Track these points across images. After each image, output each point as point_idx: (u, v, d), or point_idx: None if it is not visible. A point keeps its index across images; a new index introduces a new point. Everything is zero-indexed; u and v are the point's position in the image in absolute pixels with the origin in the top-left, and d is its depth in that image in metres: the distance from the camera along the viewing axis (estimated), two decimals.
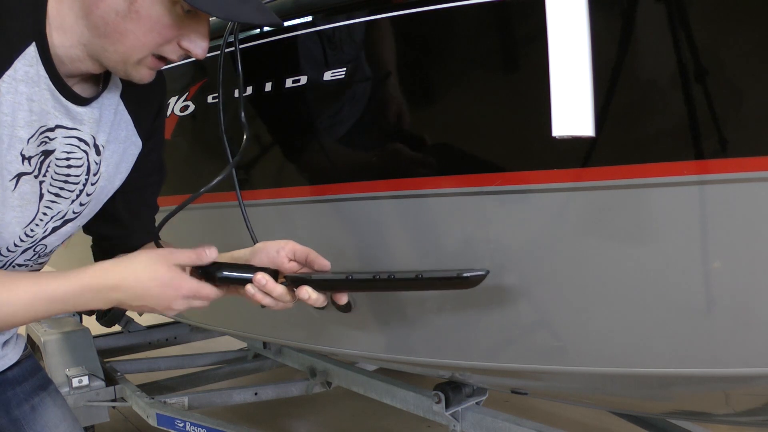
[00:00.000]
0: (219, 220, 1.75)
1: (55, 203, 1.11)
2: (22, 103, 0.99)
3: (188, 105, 1.73)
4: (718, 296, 1.21)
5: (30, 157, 1.03)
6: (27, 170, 1.04)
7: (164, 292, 1.03)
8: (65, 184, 1.11)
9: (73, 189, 1.12)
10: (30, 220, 1.09)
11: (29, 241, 1.12)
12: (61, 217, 1.14)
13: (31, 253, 1.15)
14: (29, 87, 1.00)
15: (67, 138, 1.08)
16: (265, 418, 3.16)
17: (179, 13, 0.98)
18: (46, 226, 1.12)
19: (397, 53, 1.39)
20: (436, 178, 1.37)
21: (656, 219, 1.20)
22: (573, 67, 1.04)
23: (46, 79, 1.01)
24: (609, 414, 2.40)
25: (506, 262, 1.38)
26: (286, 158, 1.62)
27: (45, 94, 1.02)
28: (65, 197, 1.12)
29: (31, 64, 0.99)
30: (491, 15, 1.24)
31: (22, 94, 0.99)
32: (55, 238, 1.17)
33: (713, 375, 1.28)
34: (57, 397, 1.34)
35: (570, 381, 1.52)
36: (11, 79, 0.97)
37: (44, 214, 1.11)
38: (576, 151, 1.21)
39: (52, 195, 1.10)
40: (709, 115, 1.10)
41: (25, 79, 0.99)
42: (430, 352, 1.60)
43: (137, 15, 0.97)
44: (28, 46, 0.98)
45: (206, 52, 1.04)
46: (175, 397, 2.46)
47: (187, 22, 1.00)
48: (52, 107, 1.04)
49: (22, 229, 1.08)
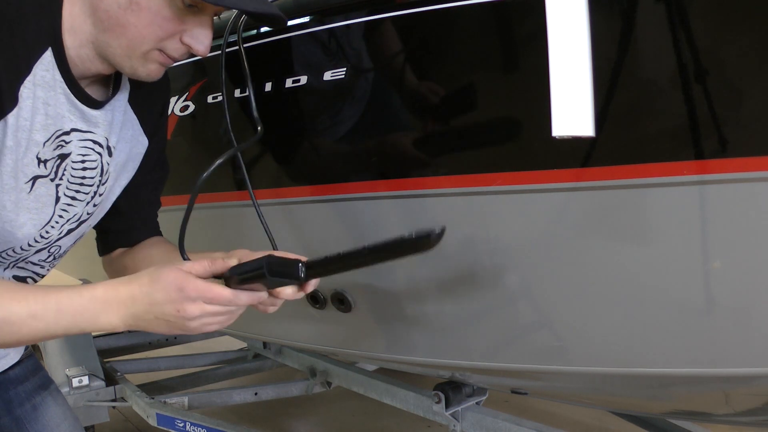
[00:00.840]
0: (219, 220, 1.75)
1: (71, 206, 1.12)
2: (39, 107, 1.00)
3: (188, 105, 1.73)
4: (718, 296, 1.21)
5: (46, 160, 1.04)
6: (43, 173, 1.05)
7: (169, 296, 0.94)
8: (81, 186, 1.12)
9: (88, 191, 1.13)
10: (45, 222, 1.09)
11: (43, 242, 1.12)
12: (76, 220, 1.15)
13: (46, 254, 1.16)
14: (46, 91, 1.00)
15: (82, 141, 1.08)
16: (265, 418, 3.16)
17: (180, 6, 0.99)
18: (61, 228, 1.13)
19: (397, 53, 1.39)
20: (436, 178, 1.37)
21: (656, 219, 1.20)
22: (573, 67, 1.04)
23: (62, 84, 1.02)
24: (609, 414, 2.41)
25: (506, 262, 1.38)
26: (286, 158, 1.62)
27: (60, 98, 1.03)
28: (81, 200, 1.13)
29: (48, 69, 1.00)
30: (491, 15, 1.24)
31: (39, 98, 1.00)
32: (69, 239, 1.17)
33: (713, 375, 1.28)
34: (58, 397, 1.35)
35: (570, 381, 1.52)
36: (31, 84, 0.98)
37: (60, 217, 1.11)
38: (576, 151, 1.21)
39: (68, 198, 1.10)
40: (709, 115, 1.10)
41: (42, 83, 1.00)
42: (430, 352, 1.60)
43: (138, 7, 0.98)
44: (45, 51, 0.99)
45: (209, 50, 1.04)
46: (175, 397, 2.46)
47: (189, 17, 1.00)
48: (68, 111, 1.05)
49: (37, 231, 1.09)
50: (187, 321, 0.95)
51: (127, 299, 0.96)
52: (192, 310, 0.94)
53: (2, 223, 1.03)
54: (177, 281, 0.94)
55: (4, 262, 1.12)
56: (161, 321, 0.96)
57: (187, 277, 0.95)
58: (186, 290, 0.94)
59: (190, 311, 0.94)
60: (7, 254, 1.10)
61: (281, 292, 1.00)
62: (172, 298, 0.94)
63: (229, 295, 0.95)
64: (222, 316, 0.97)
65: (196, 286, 0.94)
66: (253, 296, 0.97)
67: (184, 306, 0.94)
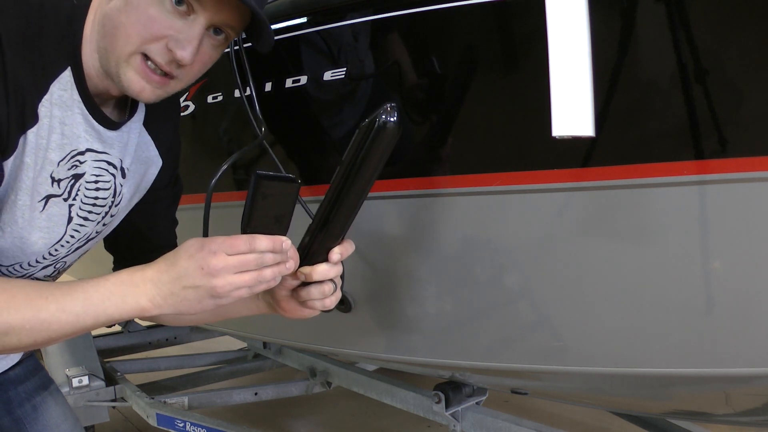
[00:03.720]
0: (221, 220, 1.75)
1: (83, 227, 1.12)
2: (55, 126, 0.99)
3: (188, 105, 1.73)
4: (718, 296, 1.21)
5: (60, 180, 1.04)
6: (56, 192, 1.04)
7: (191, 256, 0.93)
8: (93, 207, 1.11)
9: (100, 212, 1.13)
10: (56, 241, 1.09)
11: (51, 259, 1.12)
12: (85, 239, 1.14)
13: (51, 270, 1.16)
14: (62, 111, 1.00)
15: (96, 162, 1.08)
16: (265, 418, 3.16)
17: (168, 9, 0.97)
18: (71, 247, 1.13)
19: (397, 53, 1.39)
20: (436, 178, 1.38)
21: (656, 219, 1.20)
22: (573, 67, 1.04)
23: (80, 103, 1.01)
24: (609, 414, 2.41)
25: (506, 262, 1.38)
26: (285, 158, 1.62)
27: (77, 118, 1.02)
28: (93, 220, 1.13)
29: (65, 88, 0.99)
30: (491, 15, 1.24)
31: (56, 117, 0.99)
32: (75, 255, 1.18)
33: (713, 375, 1.28)
34: (58, 397, 1.35)
35: (570, 381, 1.52)
36: (48, 103, 0.97)
37: (71, 237, 1.11)
38: (576, 151, 1.21)
39: (80, 219, 1.10)
40: (709, 115, 1.10)
41: (60, 103, 0.99)
42: (430, 352, 1.60)
43: (130, 7, 0.97)
44: (64, 70, 0.99)
45: (192, 58, 0.99)
46: (175, 397, 2.46)
47: (178, 22, 0.98)
48: (84, 131, 1.04)
49: (47, 249, 1.09)
50: (213, 279, 0.93)
51: (153, 276, 0.95)
52: (215, 263, 0.93)
53: (13, 239, 1.03)
54: (196, 242, 0.95)
55: (10, 276, 1.11)
56: (189, 290, 0.94)
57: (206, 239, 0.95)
58: (205, 245, 0.94)
59: (214, 264, 0.93)
60: (14, 269, 1.10)
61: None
62: (194, 257, 0.93)
63: (247, 239, 0.94)
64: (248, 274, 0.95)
65: (214, 239, 0.94)
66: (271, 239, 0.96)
67: (207, 260, 0.93)
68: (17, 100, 0.92)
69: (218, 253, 0.93)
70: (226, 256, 0.93)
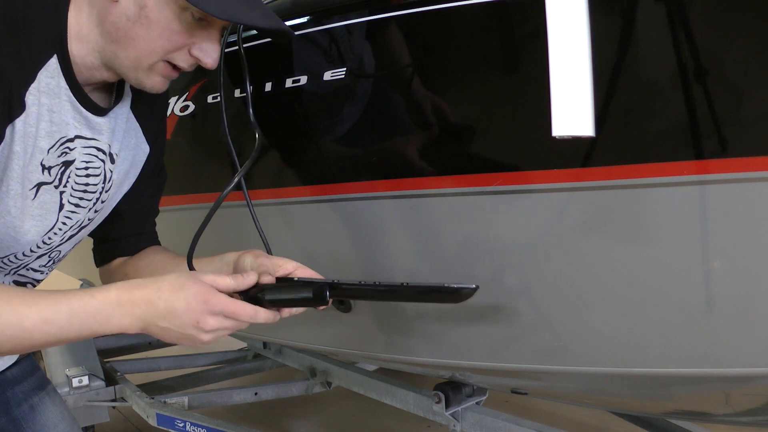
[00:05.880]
0: (221, 220, 1.75)
1: (74, 213, 1.12)
2: (43, 114, 1.00)
3: (188, 105, 1.73)
4: (718, 296, 1.21)
5: (50, 167, 1.04)
6: (47, 180, 1.05)
7: (190, 306, 0.94)
8: (84, 194, 1.12)
9: (91, 198, 1.14)
10: (49, 229, 1.09)
11: (45, 248, 1.12)
12: (78, 226, 1.15)
13: (46, 259, 1.16)
14: (50, 98, 1.00)
15: (86, 148, 1.09)
16: (265, 418, 3.16)
17: (189, 20, 0.99)
18: (64, 234, 1.13)
19: (396, 53, 1.39)
20: (436, 178, 1.37)
21: (656, 219, 1.20)
22: (573, 67, 1.04)
23: (67, 90, 1.02)
24: (609, 414, 2.40)
25: (506, 262, 1.38)
26: (285, 158, 1.62)
27: (65, 105, 1.03)
28: (84, 207, 1.13)
29: (53, 76, 1.00)
30: (491, 15, 1.24)
31: (44, 105, 1.00)
32: (69, 244, 1.18)
33: (713, 375, 1.28)
34: (55, 397, 1.35)
35: (570, 381, 1.52)
36: (36, 91, 0.98)
37: (63, 224, 1.11)
38: (576, 151, 1.21)
39: (72, 206, 1.11)
40: (709, 115, 1.10)
41: (47, 90, 0.99)
42: (430, 352, 1.59)
43: (147, 20, 0.98)
44: (51, 58, 0.99)
45: (217, 62, 1.04)
46: (175, 397, 2.46)
47: (198, 30, 1.01)
48: (72, 118, 1.04)
49: (40, 237, 1.09)
50: (202, 333, 0.96)
51: (141, 302, 0.96)
52: (211, 323, 0.96)
53: (6, 229, 1.03)
54: (201, 293, 0.96)
55: (5, 268, 1.12)
56: (174, 330, 0.96)
57: (211, 291, 0.97)
58: (210, 303, 0.96)
59: (210, 324, 0.96)
60: (9, 260, 1.10)
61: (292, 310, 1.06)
62: (193, 309, 0.95)
63: (252, 312, 0.98)
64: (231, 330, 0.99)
65: (220, 300, 0.96)
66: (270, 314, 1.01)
67: (205, 318, 0.95)
68: (2, 90, 0.92)
69: (218, 315, 0.96)
70: (224, 319, 0.96)
